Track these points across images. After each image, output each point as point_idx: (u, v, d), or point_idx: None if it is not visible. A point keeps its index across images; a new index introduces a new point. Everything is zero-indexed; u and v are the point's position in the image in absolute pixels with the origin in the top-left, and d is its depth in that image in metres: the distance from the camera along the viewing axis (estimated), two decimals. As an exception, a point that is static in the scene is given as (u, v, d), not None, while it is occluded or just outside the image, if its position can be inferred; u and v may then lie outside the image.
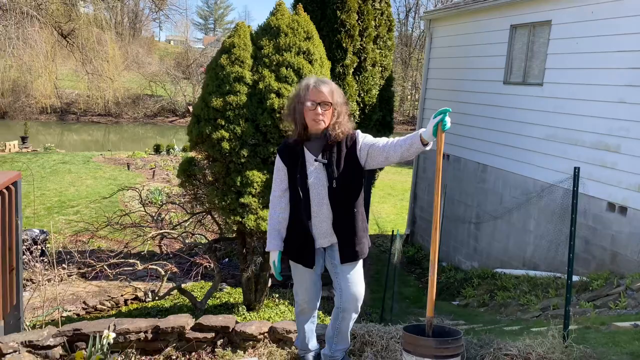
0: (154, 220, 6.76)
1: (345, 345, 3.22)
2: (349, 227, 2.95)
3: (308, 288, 3.08)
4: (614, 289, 6.54)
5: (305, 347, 3.28)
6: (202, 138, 5.90)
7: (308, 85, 2.83)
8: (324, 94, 2.81)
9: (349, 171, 2.90)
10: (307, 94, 2.81)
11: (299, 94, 2.85)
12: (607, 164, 7.29)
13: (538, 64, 8.80)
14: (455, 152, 10.89)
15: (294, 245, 2.99)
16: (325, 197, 2.88)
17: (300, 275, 3.06)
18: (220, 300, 7.74)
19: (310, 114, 2.81)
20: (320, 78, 2.91)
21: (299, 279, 3.09)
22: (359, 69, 10.08)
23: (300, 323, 3.23)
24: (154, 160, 19.00)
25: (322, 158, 2.88)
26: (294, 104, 2.87)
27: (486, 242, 9.94)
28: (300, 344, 3.32)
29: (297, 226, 2.96)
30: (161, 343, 3.67)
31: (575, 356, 3.24)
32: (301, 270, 3.04)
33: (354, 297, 2.99)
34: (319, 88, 2.81)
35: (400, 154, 2.80)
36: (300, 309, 3.17)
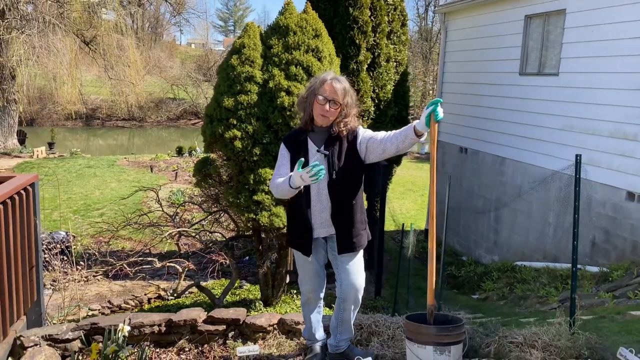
0: (172, 219, 6.92)
1: (349, 335, 3.30)
2: (347, 218, 3.02)
3: (312, 277, 3.18)
4: (633, 279, 6.45)
5: (313, 337, 3.36)
6: (215, 138, 6.02)
7: (324, 80, 2.93)
8: (336, 92, 2.90)
9: (350, 164, 2.98)
10: (321, 88, 2.91)
11: (314, 86, 2.96)
12: (625, 153, 7.18)
13: (553, 53, 8.70)
14: (473, 145, 10.83)
15: (294, 232, 3.12)
16: (324, 187, 2.97)
17: (304, 265, 3.16)
18: (239, 297, 7.87)
19: (318, 108, 2.91)
20: (338, 76, 3.00)
21: (302, 269, 3.19)
22: (373, 65, 10.09)
23: (307, 313, 3.32)
24: (177, 162, 19.31)
25: (324, 149, 2.96)
26: (308, 94, 2.98)
27: (506, 236, 9.86)
28: (307, 334, 3.40)
29: (297, 213, 3.07)
30: (174, 336, 3.79)
31: (580, 343, 3.24)
32: (304, 260, 3.12)
33: (353, 287, 3.07)
34: (333, 85, 2.91)
35: (396, 146, 2.87)
36: (306, 299, 3.27)
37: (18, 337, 3.52)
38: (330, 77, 2.95)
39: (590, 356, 3.19)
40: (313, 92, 2.93)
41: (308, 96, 2.97)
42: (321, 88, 2.91)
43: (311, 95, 2.94)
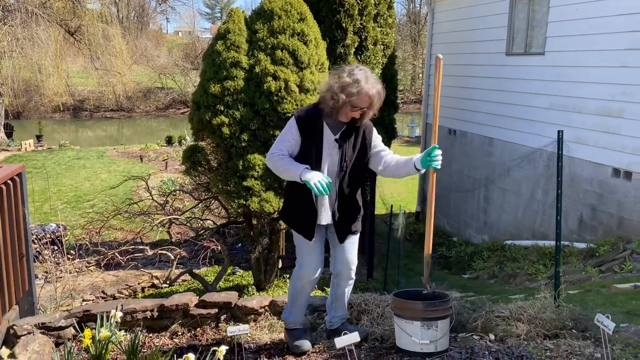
0: (162, 207, 6.93)
1: (342, 313, 3.36)
2: (350, 208, 3.12)
3: (313, 261, 3.15)
4: (619, 253, 6.56)
5: (300, 320, 3.34)
6: (202, 125, 6.02)
7: (363, 90, 2.79)
8: (372, 101, 2.84)
9: (360, 158, 3.07)
10: (358, 98, 2.80)
11: (349, 88, 2.80)
12: (611, 130, 7.26)
13: (539, 33, 8.72)
14: (461, 126, 10.88)
15: (297, 217, 3.11)
16: (334, 176, 3.01)
17: (306, 249, 3.14)
18: (232, 283, 7.93)
19: (348, 112, 2.88)
20: (375, 80, 2.88)
21: (303, 253, 3.15)
22: (361, 49, 10.07)
23: (301, 297, 3.28)
24: (167, 152, 19.23)
25: (340, 139, 3.00)
26: (339, 92, 2.82)
27: (496, 215, 9.96)
28: (294, 318, 3.31)
29: (303, 196, 3.01)
30: (167, 320, 3.83)
31: (564, 315, 3.31)
32: (306, 244, 3.12)
33: (347, 262, 3.18)
34: (370, 95, 2.81)
35: (392, 173, 3.09)
36: (303, 284, 3.22)
37: (11, 326, 3.54)
38: (369, 87, 2.80)
39: (574, 327, 3.27)
40: (347, 94, 2.80)
41: (339, 95, 2.81)
42: (359, 97, 2.80)
43: (343, 95, 2.81)
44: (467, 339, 3.24)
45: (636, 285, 4.83)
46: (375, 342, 3.23)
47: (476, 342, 3.17)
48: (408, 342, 2.98)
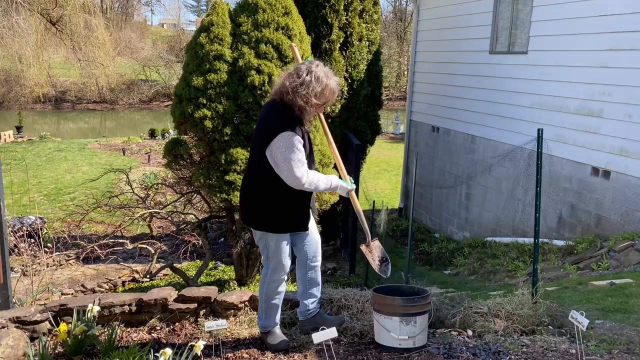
0: (143, 201, 6.86)
1: (319, 294, 3.39)
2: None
3: (287, 260, 3.23)
4: (597, 251, 6.67)
5: (275, 321, 3.33)
6: (184, 118, 5.96)
7: (334, 91, 2.97)
8: (335, 95, 3.02)
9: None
10: (329, 97, 2.98)
11: (323, 93, 2.91)
12: (590, 129, 7.35)
13: (523, 32, 8.79)
14: (445, 124, 10.93)
15: (298, 216, 3.15)
16: None
17: (284, 249, 3.18)
18: (214, 277, 7.89)
19: (317, 109, 2.99)
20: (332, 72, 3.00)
21: (282, 254, 3.18)
22: (346, 44, 10.05)
23: (279, 298, 3.30)
24: (149, 145, 19.06)
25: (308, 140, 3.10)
26: (313, 95, 2.89)
27: (477, 212, 10.05)
28: (271, 321, 3.29)
29: (298, 200, 3.10)
30: (145, 315, 3.79)
31: (541, 311, 3.35)
32: (285, 244, 3.17)
33: (316, 240, 3.30)
34: (335, 90, 2.99)
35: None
36: (279, 285, 3.27)
37: (-16, 319, 3.47)
38: (338, 88, 2.99)
39: (551, 323, 3.32)
40: (320, 98, 2.92)
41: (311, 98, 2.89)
42: (330, 97, 2.98)
43: (315, 97, 2.89)
44: (446, 334, 3.26)
45: (612, 283, 4.91)
46: (354, 337, 3.23)
47: (454, 338, 3.19)
48: (387, 337, 2.99)
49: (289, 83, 2.89)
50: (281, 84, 2.95)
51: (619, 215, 6.97)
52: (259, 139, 3.03)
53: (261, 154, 2.98)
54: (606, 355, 2.85)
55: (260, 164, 3.02)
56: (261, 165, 3.01)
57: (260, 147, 2.99)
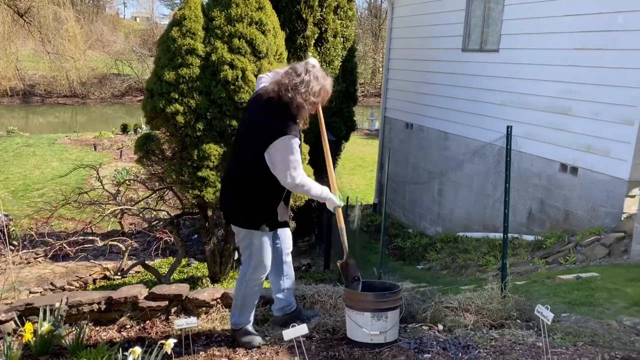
0: (114, 197, 6.74)
1: (293, 289, 3.45)
2: None
3: (271, 257, 3.24)
4: (565, 245, 6.82)
5: (249, 320, 3.32)
6: (156, 113, 5.87)
7: (328, 91, 3.02)
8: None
9: None
10: (324, 97, 3.01)
11: (320, 92, 2.95)
12: (559, 127, 7.50)
13: (494, 30, 8.92)
14: (418, 120, 11.03)
15: (283, 213, 3.18)
16: None
17: (268, 248, 3.18)
18: (187, 274, 7.82)
19: (312, 108, 3.00)
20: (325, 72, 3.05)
21: (266, 252, 3.17)
22: (320, 40, 10.05)
23: (256, 297, 3.30)
24: (122, 140, 18.74)
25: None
26: (313, 97, 2.92)
27: (449, 208, 10.17)
28: (245, 318, 3.27)
29: (284, 199, 3.14)
30: (115, 313, 3.73)
31: (510, 305, 3.42)
32: (270, 242, 3.17)
33: (289, 235, 3.38)
34: (329, 90, 3.03)
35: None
36: (260, 283, 3.26)
37: (-54, 320, 3.37)
38: (328, 83, 3.00)
39: (519, 317, 3.38)
40: (317, 98, 2.96)
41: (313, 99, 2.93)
42: (325, 96, 3.01)
43: (316, 96, 2.94)
44: (417, 329, 3.30)
45: (578, 277, 5.03)
46: (326, 333, 3.24)
47: (425, 332, 3.22)
48: (359, 333, 3.01)
49: (288, 81, 2.89)
50: (278, 82, 2.92)
51: (586, 210, 7.14)
52: (254, 137, 2.96)
53: (257, 153, 2.92)
54: (571, 347, 2.92)
55: (252, 163, 2.98)
56: (254, 164, 2.96)
57: (256, 146, 2.92)
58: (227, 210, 3.27)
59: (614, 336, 3.11)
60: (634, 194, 6.49)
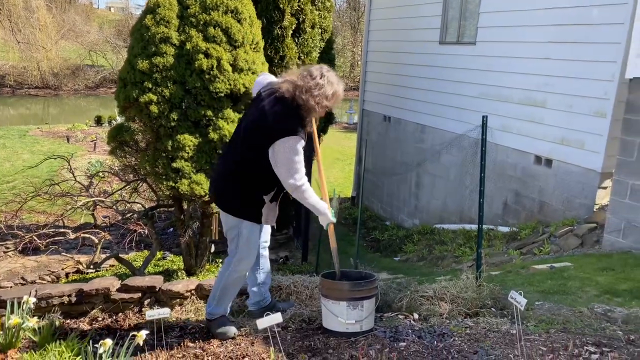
0: (86, 189, 6.60)
1: (268, 283, 3.48)
2: None
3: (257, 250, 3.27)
4: (539, 236, 6.92)
5: (225, 310, 3.29)
6: (129, 102, 5.75)
7: (340, 97, 3.05)
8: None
9: None
10: (336, 102, 3.06)
11: (333, 97, 2.98)
12: (534, 119, 7.59)
13: (471, 23, 8.96)
14: (396, 113, 11.05)
15: (275, 209, 3.18)
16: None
17: (257, 239, 3.20)
18: (162, 267, 7.71)
19: (322, 112, 3.02)
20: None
21: (255, 243, 3.18)
22: (298, 31, 9.96)
23: (236, 289, 3.28)
24: (95, 132, 18.40)
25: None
26: (326, 100, 2.96)
27: (426, 200, 10.24)
28: (223, 309, 3.24)
29: (277, 196, 3.15)
30: (86, 306, 3.65)
31: (485, 294, 3.44)
32: (258, 234, 3.19)
33: (269, 230, 3.42)
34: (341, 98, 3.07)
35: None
36: (243, 275, 3.25)
37: None
38: (341, 88, 3.02)
39: (494, 305, 3.41)
40: (330, 102, 2.98)
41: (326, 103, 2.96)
42: (337, 101, 3.04)
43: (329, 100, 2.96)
44: (392, 318, 3.30)
45: (552, 267, 5.10)
46: (302, 323, 3.22)
47: (401, 321, 3.23)
48: (334, 322, 2.99)
49: (303, 83, 2.91)
50: (293, 82, 2.94)
51: (560, 202, 7.25)
52: (260, 132, 2.94)
53: (260, 148, 2.92)
54: (544, 334, 2.95)
55: (254, 156, 2.96)
56: (256, 157, 2.96)
57: (261, 140, 2.92)
58: (219, 198, 3.21)
59: (585, 323, 3.15)
60: (606, 186, 6.61)
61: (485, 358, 2.62)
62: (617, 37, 6.34)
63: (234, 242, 3.13)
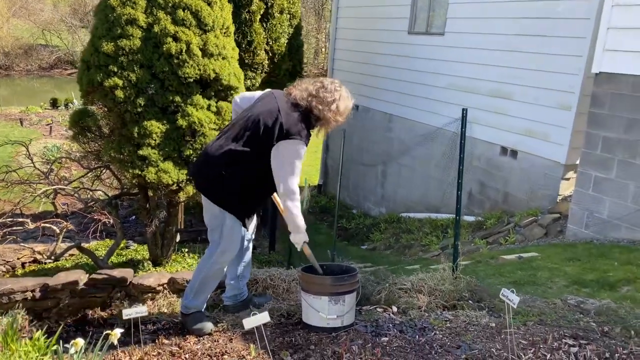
0: (46, 176, 6.30)
1: (248, 277, 3.42)
2: None
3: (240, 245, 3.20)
4: (504, 226, 7.06)
5: (203, 304, 3.18)
6: (93, 87, 5.51)
7: (350, 112, 3.07)
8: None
9: None
10: (346, 118, 3.06)
11: (346, 112, 3.02)
12: (501, 111, 7.71)
13: (440, 13, 8.99)
14: (364, 102, 11.02)
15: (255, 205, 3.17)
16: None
17: (241, 230, 3.12)
18: (126, 257, 7.49)
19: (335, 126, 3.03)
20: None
21: (239, 234, 3.10)
22: (266, 16, 9.78)
23: (215, 282, 3.19)
24: (51, 116, 17.69)
25: None
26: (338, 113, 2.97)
27: (392, 189, 10.30)
28: (201, 303, 3.15)
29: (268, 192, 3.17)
30: (52, 301, 3.49)
31: (462, 286, 3.46)
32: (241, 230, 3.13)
33: (254, 223, 3.37)
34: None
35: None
36: (225, 267, 3.17)
37: None
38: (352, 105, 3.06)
39: (471, 297, 3.43)
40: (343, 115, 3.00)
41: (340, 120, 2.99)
42: (347, 118, 3.06)
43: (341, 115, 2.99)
44: (372, 311, 3.27)
45: (520, 257, 5.21)
46: (281, 318, 3.15)
47: (380, 314, 3.21)
48: (315, 317, 2.94)
49: (322, 95, 2.92)
50: (310, 93, 2.94)
51: (524, 192, 7.41)
52: (268, 130, 2.84)
53: (265, 145, 2.85)
54: (522, 327, 2.98)
55: (257, 155, 2.89)
56: (259, 156, 2.89)
57: (267, 138, 2.84)
58: (207, 184, 3.04)
59: (559, 314, 3.21)
60: (570, 177, 6.79)
61: (468, 353, 2.63)
62: (582, 32, 6.48)
63: (217, 231, 3.02)
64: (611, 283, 4.08)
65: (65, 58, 36.32)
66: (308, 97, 2.92)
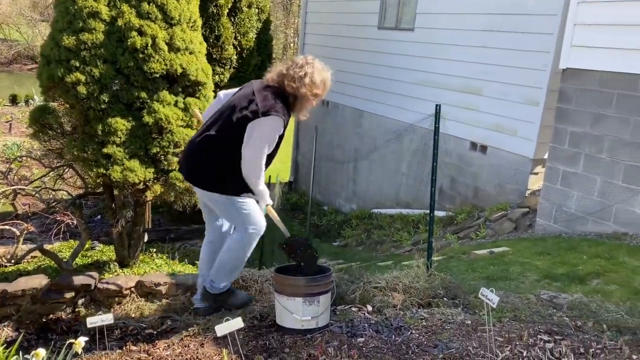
0: (5, 176, 6.03)
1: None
2: None
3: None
4: (475, 221, 7.12)
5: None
6: (54, 82, 5.26)
7: (328, 84, 3.01)
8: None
9: None
10: (326, 90, 3.01)
11: (323, 84, 2.96)
12: (470, 106, 7.76)
13: (409, 9, 8.99)
14: (334, 98, 10.96)
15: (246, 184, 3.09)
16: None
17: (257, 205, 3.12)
18: (91, 259, 7.25)
19: (310, 105, 3.01)
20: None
21: (255, 208, 3.11)
22: (235, 10, 9.62)
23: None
24: (11, 113, 17.05)
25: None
26: (322, 91, 2.97)
27: (363, 186, 10.29)
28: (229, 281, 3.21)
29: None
30: (11, 308, 3.31)
31: (436, 284, 3.44)
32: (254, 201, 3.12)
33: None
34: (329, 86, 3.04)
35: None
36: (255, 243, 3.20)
37: None
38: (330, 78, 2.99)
39: (446, 295, 3.41)
40: (322, 88, 2.95)
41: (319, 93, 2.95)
42: (326, 90, 3.00)
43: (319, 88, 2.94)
44: (347, 311, 3.22)
45: (492, 252, 5.24)
46: (254, 320, 3.07)
47: (355, 314, 3.15)
48: (289, 319, 2.87)
49: (292, 72, 2.90)
50: (279, 72, 2.94)
51: (494, 187, 7.49)
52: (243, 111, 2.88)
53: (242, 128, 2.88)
54: (498, 324, 2.97)
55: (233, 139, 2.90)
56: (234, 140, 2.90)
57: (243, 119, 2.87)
58: (204, 180, 3.05)
59: (533, 310, 3.22)
60: (538, 172, 6.88)
61: (445, 352, 2.60)
62: (550, 28, 6.56)
63: (236, 217, 3.05)
64: (581, 277, 4.13)
65: (25, 53, 35.13)
66: (279, 77, 2.93)
